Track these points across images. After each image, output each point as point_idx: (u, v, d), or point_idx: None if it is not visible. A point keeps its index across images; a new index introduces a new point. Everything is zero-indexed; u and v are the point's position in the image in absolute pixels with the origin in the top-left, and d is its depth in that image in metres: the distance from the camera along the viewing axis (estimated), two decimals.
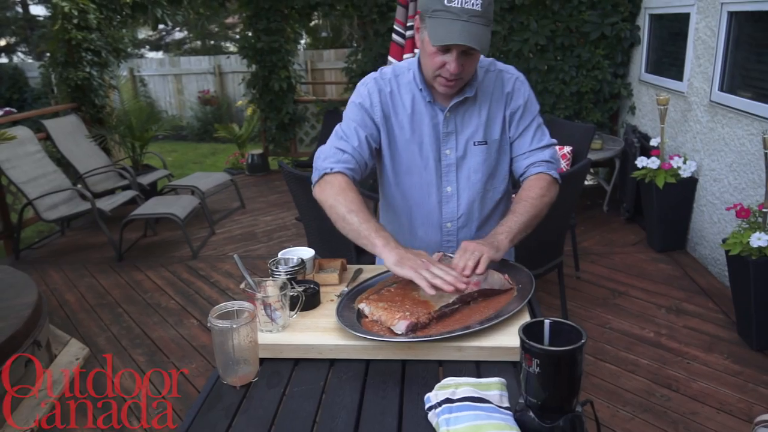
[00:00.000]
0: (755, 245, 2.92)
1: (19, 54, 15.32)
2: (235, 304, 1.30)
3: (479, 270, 1.45)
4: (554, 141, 1.80)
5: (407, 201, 1.77)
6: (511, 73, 1.75)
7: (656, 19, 5.27)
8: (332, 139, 1.72)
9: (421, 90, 1.68)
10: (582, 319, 3.51)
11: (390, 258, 1.43)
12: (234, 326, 1.23)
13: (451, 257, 1.55)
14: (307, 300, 1.48)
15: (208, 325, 1.25)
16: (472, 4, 1.47)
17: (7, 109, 11.18)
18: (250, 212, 5.97)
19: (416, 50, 1.77)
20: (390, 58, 4.41)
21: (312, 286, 1.53)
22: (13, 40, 15.16)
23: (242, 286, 1.43)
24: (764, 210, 3.04)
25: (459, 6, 1.47)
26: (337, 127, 1.74)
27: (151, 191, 5.92)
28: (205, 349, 3.42)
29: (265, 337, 1.37)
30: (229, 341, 1.24)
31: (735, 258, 3.08)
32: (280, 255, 1.66)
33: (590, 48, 5.69)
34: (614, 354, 3.15)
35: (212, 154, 10.09)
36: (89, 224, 5.76)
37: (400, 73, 1.73)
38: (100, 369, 3.28)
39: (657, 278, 4.02)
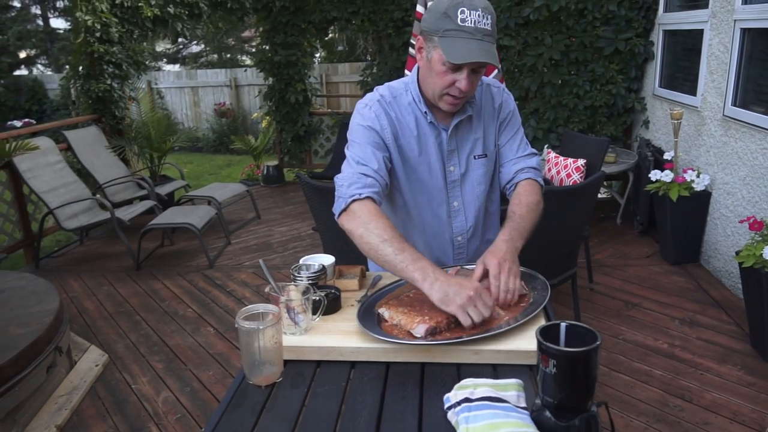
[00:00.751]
0: None
1: (39, 66, 15.61)
2: (261, 307, 1.35)
3: (516, 298, 1.50)
4: (535, 150, 1.88)
5: (422, 219, 1.81)
6: (498, 86, 1.83)
7: (670, 35, 5.31)
8: (350, 165, 1.66)
9: (425, 112, 1.71)
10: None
11: (435, 295, 1.38)
12: (260, 327, 1.28)
13: (468, 269, 1.60)
14: (329, 304, 1.53)
15: (236, 326, 1.30)
16: (484, 24, 1.53)
17: (27, 120, 11.38)
18: (266, 223, 6.04)
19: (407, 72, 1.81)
20: (407, 71, 4.48)
21: (333, 291, 1.58)
22: (33, 52, 15.45)
23: (267, 290, 1.48)
24: None
25: (472, 26, 1.52)
26: (349, 152, 1.70)
27: (168, 201, 6.01)
28: (222, 356, 3.47)
29: (288, 340, 1.42)
30: (255, 342, 1.29)
31: (748, 270, 3.10)
32: (301, 261, 1.71)
33: (604, 63, 5.74)
34: (628, 365, 3.17)
35: (227, 165, 10.20)
36: (107, 234, 5.86)
37: (397, 95, 1.75)
38: (119, 375, 3.34)
39: (671, 290, 4.03)
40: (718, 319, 3.62)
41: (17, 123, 10.67)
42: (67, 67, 6.39)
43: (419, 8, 4.11)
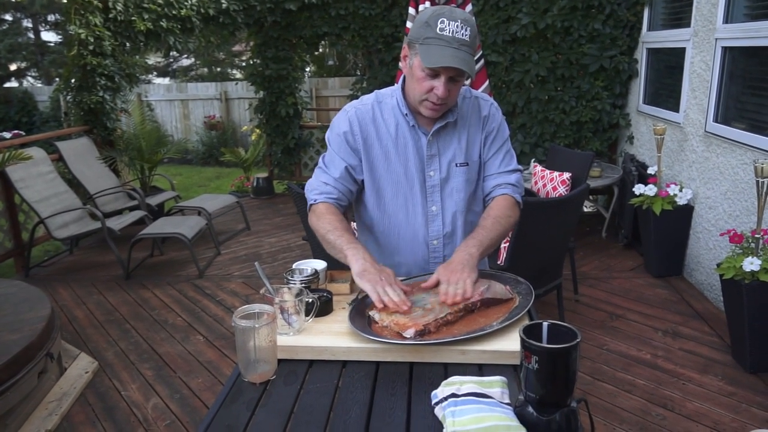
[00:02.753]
0: (748, 269, 3.02)
1: (29, 78, 15.61)
2: (257, 307, 1.40)
3: (468, 295, 1.54)
4: (520, 167, 1.93)
5: (393, 221, 1.87)
6: (487, 99, 1.89)
7: (653, 53, 5.44)
8: (317, 172, 1.86)
9: (405, 115, 1.79)
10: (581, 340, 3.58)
11: (355, 267, 1.57)
12: (256, 326, 1.33)
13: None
14: (321, 307, 1.58)
15: (232, 324, 1.35)
16: (462, 34, 1.62)
17: (16, 131, 11.36)
18: (255, 234, 6.08)
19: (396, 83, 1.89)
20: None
21: (325, 294, 1.63)
22: (23, 65, 15.46)
23: (262, 291, 1.53)
24: (756, 236, 3.14)
25: (450, 35, 1.61)
26: (322, 157, 1.87)
27: (158, 212, 6.04)
28: (211, 364, 3.50)
29: (282, 340, 1.46)
30: (251, 340, 1.34)
31: (729, 282, 3.18)
32: (294, 266, 1.76)
33: (590, 79, 5.86)
34: (611, 374, 3.23)
35: (216, 177, 10.23)
36: (97, 243, 5.87)
37: (382, 99, 1.84)
38: (108, 382, 3.35)
39: (654, 302, 4.11)
40: (700, 330, 3.69)
41: (6, 134, 10.67)
42: (58, 79, 6.43)
43: (409, 24, 4.20)
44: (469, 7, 4.10)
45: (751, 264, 3.03)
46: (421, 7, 4.05)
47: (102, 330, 4.01)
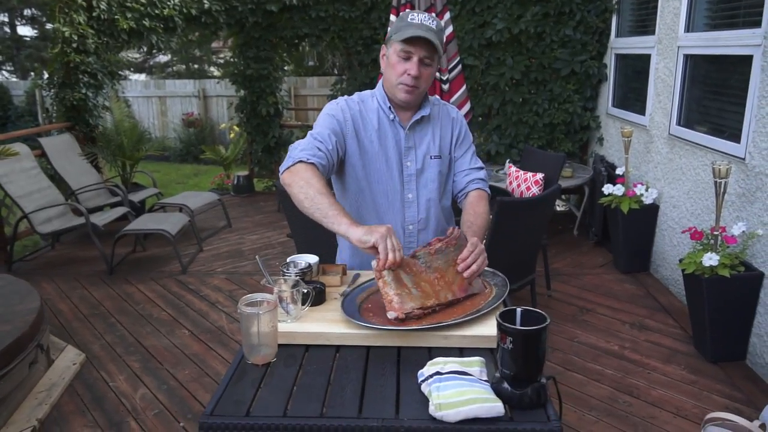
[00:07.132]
0: (707, 264, 3.22)
1: (4, 73, 15.41)
2: (259, 296, 1.54)
3: (480, 271, 1.74)
4: (483, 165, 2.21)
5: (375, 206, 2.05)
6: (452, 106, 2.20)
7: (621, 59, 5.67)
8: (309, 139, 1.90)
9: (389, 107, 2.00)
10: (552, 333, 3.77)
11: (358, 231, 1.59)
12: (260, 312, 1.47)
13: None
14: (316, 296, 1.72)
15: (238, 311, 1.49)
16: (429, 22, 1.89)
17: None
18: (237, 231, 6.18)
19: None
20: None
21: (319, 285, 1.77)
22: None
23: (262, 282, 1.67)
24: (715, 233, 3.35)
25: (419, 22, 1.88)
26: (311, 132, 1.94)
27: (140, 209, 6.10)
28: (197, 357, 3.60)
29: (280, 326, 1.60)
30: (255, 326, 1.48)
31: (690, 276, 3.38)
32: (288, 260, 1.90)
33: (562, 83, 6.07)
34: (581, 365, 3.42)
35: (195, 175, 10.26)
36: (78, 239, 5.91)
37: (364, 99, 2.05)
38: (96, 373, 3.44)
39: (622, 297, 4.32)
40: (665, 323, 3.91)
41: None
42: (33, 74, 6.45)
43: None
44: (447, 15, 4.26)
45: (710, 259, 3.23)
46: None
47: (87, 324, 4.08)
